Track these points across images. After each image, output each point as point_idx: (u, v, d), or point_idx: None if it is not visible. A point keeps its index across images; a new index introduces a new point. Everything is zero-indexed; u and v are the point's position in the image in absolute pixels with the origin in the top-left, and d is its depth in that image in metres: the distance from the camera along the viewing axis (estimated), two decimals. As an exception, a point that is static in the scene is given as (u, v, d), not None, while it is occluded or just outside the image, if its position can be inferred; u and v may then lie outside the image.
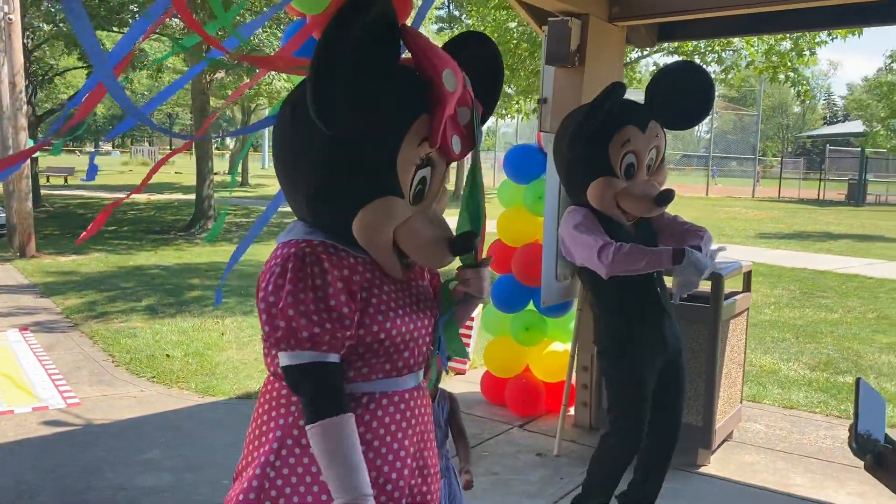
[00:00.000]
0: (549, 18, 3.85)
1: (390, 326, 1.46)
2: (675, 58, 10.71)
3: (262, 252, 12.22)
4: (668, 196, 2.61)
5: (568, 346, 4.42)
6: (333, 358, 1.40)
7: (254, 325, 6.75)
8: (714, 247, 4.20)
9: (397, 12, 3.06)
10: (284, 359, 1.40)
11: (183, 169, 34.44)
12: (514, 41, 12.12)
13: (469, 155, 1.56)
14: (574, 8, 3.75)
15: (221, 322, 6.89)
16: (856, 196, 26.77)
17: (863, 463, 1.30)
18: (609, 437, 2.87)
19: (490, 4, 12.04)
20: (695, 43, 10.08)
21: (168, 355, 5.66)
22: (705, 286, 3.81)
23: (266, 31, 14.57)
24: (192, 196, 18.89)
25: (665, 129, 2.71)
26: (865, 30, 8.47)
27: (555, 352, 4.43)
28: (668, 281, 2.89)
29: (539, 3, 3.76)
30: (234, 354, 5.79)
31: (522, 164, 4.30)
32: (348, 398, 1.41)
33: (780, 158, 35.76)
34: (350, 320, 1.40)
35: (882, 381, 5.48)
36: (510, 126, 39.22)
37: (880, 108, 16.44)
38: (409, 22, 3.06)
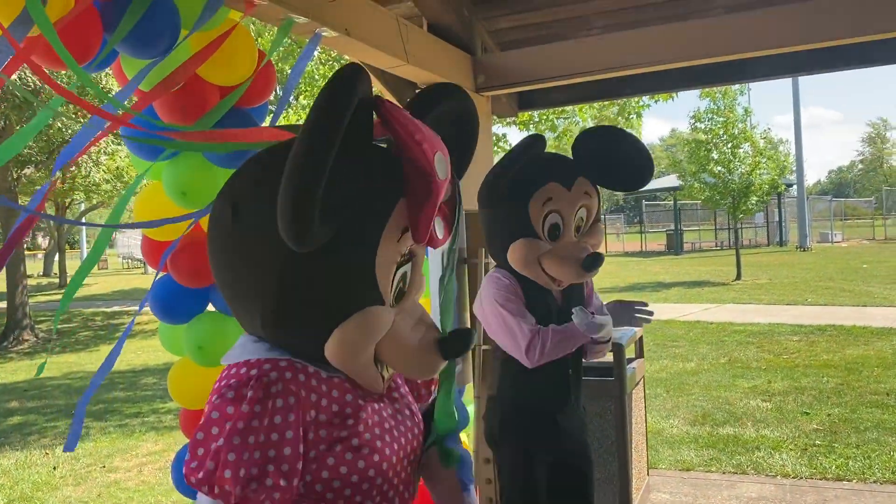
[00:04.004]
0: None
1: (378, 459, 1.22)
2: (515, 129, 10.98)
3: (91, 361, 10.96)
4: (596, 260, 2.33)
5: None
6: None
7: (92, 453, 5.85)
8: (603, 318, 4.04)
9: (264, 88, 2.64)
10: (201, 498, 1.15)
11: (-13, 274, 31.10)
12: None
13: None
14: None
15: (51, 454, 5.91)
16: (675, 245, 28.84)
17: None
18: None
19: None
20: (529, 113, 10.38)
21: (-14, 506, 4.72)
22: (607, 358, 3.64)
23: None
24: (1, 304, 16.94)
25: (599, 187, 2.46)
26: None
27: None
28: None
29: (406, 74, 3.54)
30: (71, 493, 4.92)
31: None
32: None
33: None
34: (293, 479, 1.12)
35: (760, 429, 5.57)
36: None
37: (690, 164, 17.85)
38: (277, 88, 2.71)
